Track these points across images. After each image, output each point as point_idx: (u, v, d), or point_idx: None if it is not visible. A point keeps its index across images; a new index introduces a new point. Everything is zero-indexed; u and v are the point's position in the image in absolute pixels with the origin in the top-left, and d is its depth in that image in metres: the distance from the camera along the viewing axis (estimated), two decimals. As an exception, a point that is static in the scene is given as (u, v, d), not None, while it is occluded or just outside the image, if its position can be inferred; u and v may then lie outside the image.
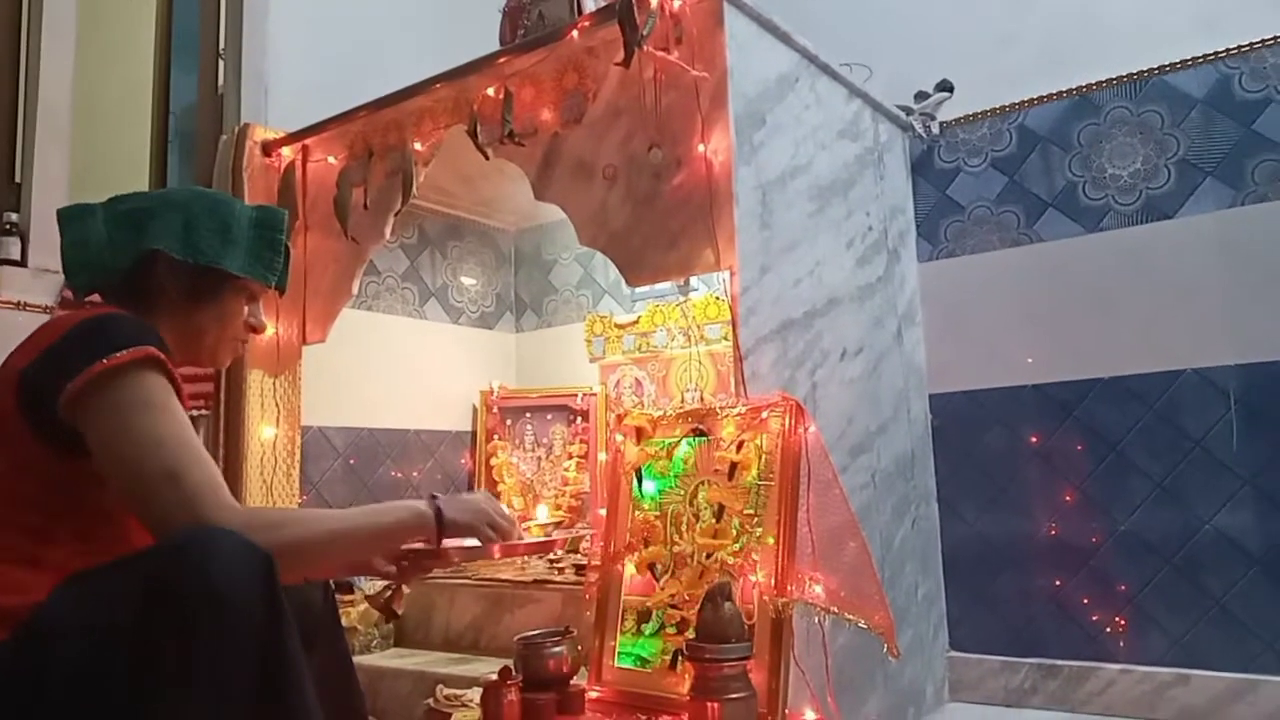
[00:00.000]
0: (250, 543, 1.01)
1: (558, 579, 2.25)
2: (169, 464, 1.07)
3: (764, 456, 1.62)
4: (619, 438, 1.85)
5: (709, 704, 1.38)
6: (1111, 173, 2.38)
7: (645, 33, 1.81)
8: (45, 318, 2.30)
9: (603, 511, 1.83)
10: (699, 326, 2.86)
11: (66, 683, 0.96)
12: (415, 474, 2.98)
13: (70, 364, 1.10)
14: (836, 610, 1.52)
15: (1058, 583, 2.36)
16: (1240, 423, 2.17)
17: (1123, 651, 2.27)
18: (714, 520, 1.64)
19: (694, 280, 2.75)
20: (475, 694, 1.81)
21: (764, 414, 1.64)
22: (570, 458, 3.05)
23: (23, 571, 1.08)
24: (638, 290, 3.04)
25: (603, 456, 2.85)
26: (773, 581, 1.52)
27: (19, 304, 2.26)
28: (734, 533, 1.61)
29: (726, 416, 1.69)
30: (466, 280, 3.32)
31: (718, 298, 2.76)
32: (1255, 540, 2.14)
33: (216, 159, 2.57)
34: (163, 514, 1.07)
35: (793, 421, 1.60)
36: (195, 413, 2.41)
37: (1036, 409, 2.42)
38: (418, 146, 2.30)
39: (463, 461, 3.15)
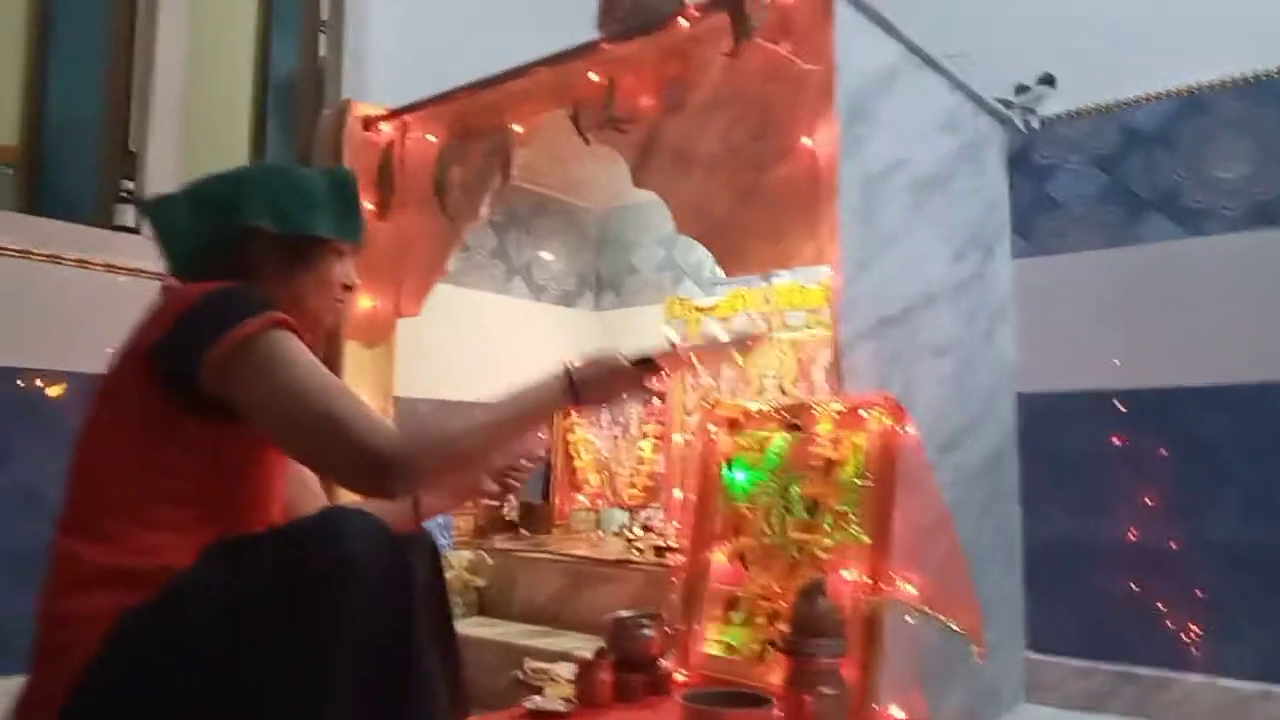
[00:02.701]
0: (384, 524, 1.06)
1: (637, 559, 2.28)
2: (322, 408, 1.11)
3: (861, 454, 1.62)
4: (711, 428, 1.87)
5: (802, 697, 1.41)
6: (1218, 176, 2.32)
7: (755, 24, 1.81)
8: (158, 284, 2.37)
9: (677, 493, 1.85)
10: (781, 313, 2.85)
11: (202, 648, 1.01)
12: (497, 446, 3.03)
13: (206, 335, 1.14)
14: (928, 609, 1.53)
15: (1140, 588, 2.33)
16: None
17: (1205, 662, 2.23)
18: (807, 515, 1.66)
19: (779, 267, 2.74)
20: (561, 668, 1.85)
21: (862, 412, 1.65)
22: (645, 437, 3.08)
23: (157, 534, 1.14)
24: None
25: (678, 438, 2.88)
26: (867, 579, 1.53)
27: (135, 270, 2.33)
28: (827, 528, 1.63)
29: (824, 413, 1.70)
30: (550, 258, 3.36)
31: (803, 286, 2.75)
32: (1352, 558, 2.10)
33: (317, 132, 2.63)
34: (329, 456, 1.12)
35: (892, 421, 1.60)
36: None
37: (1125, 412, 2.38)
38: (517, 128, 2.33)
39: (541, 436, 3.18)
